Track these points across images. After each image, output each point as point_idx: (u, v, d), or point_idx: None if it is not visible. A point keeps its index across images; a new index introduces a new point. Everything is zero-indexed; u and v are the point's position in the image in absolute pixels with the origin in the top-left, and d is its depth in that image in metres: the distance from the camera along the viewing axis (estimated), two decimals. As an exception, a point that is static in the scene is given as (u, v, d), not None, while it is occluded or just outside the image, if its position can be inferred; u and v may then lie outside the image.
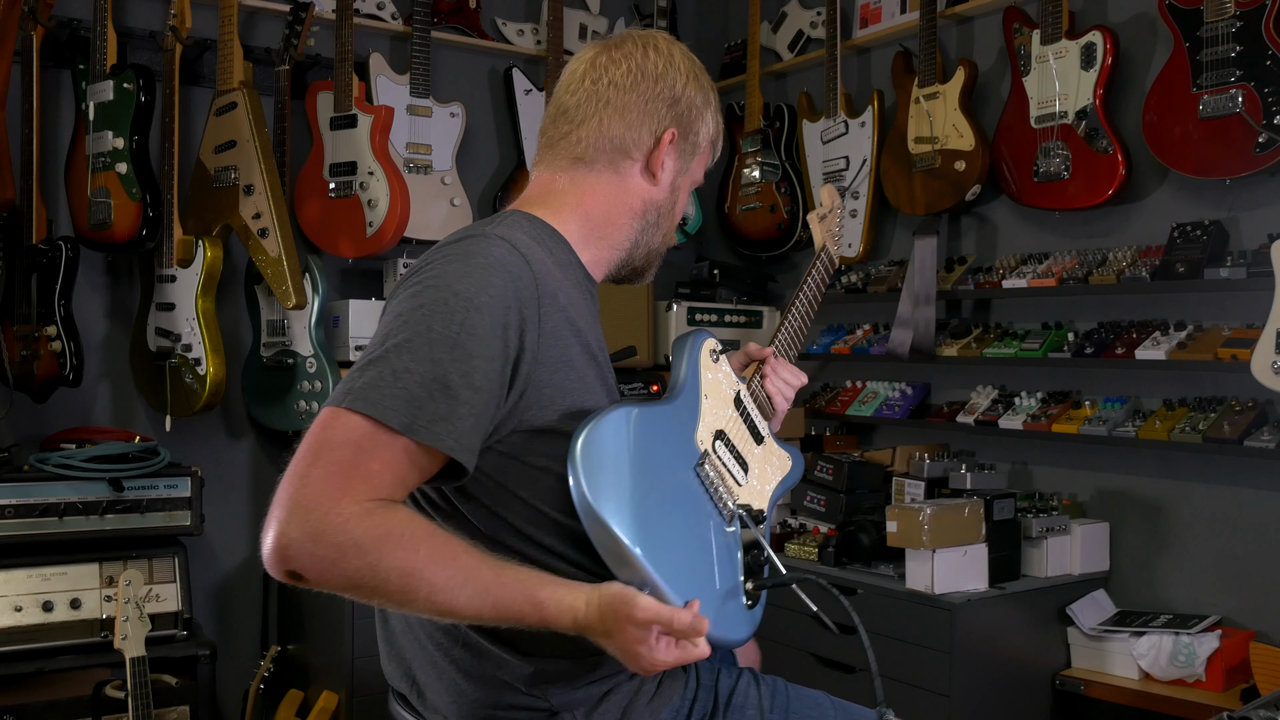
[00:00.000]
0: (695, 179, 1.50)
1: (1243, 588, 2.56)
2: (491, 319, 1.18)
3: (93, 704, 2.52)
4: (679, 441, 1.33)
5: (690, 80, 1.44)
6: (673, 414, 1.34)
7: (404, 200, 3.06)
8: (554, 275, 1.29)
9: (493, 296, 1.19)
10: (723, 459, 1.39)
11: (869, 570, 2.74)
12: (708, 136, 1.48)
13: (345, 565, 1.09)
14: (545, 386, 1.24)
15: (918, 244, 3.10)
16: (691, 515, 1.31)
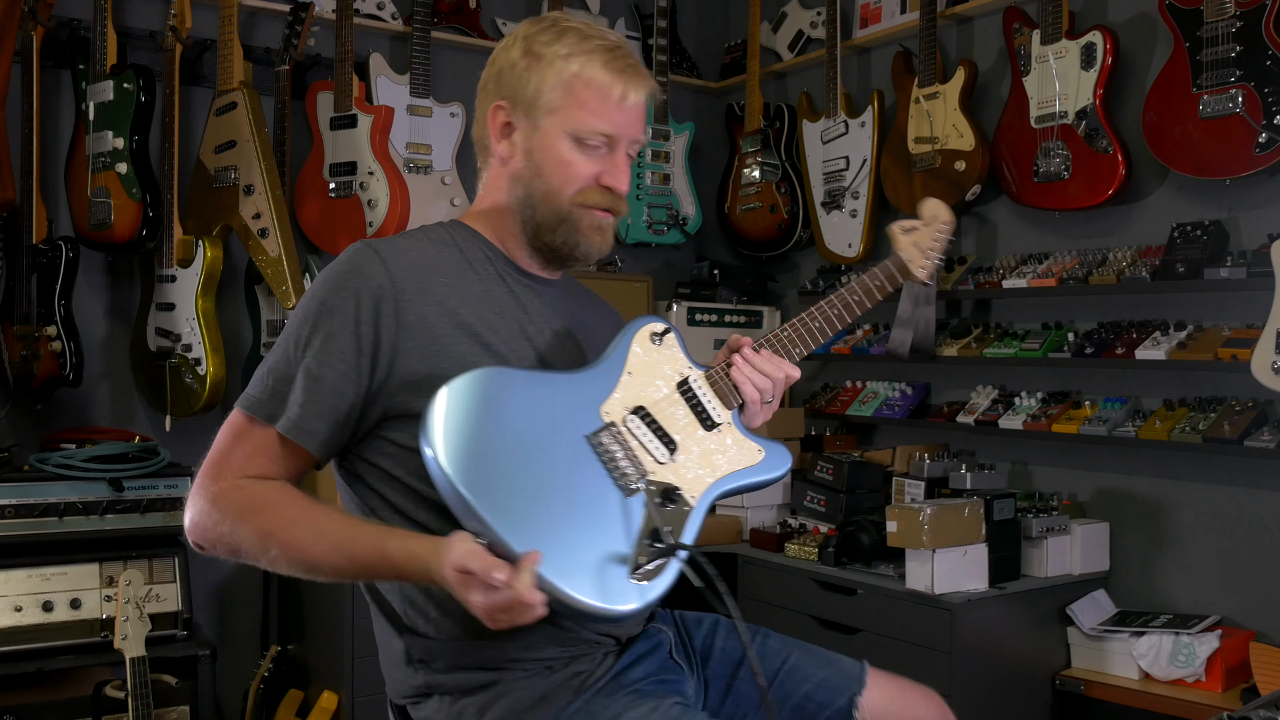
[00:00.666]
0: (570, 131, 1.40)
1: (1243, 588, 2.56)
2: (341, 316, 1.35)
3: (93, 704, 2.52)
4: (572, 409, 1.37)
5: (514, 45, 1.45)
6: (572, 383, 1.40)
7: (404, 200, 3.06)
8: (438, 271, 1.41)
9: (343, 297, 1.36)
10: (636, 433, 1.39)
11: (869, 570, 2.74)
12: (551, 84, 1.40)
13: (212, 532, 1.33)
14: (413, 374, 1.36)
15: (918, 244, 3.09)
16: (570, 479, 1.32)
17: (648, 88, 1.46)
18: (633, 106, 1.44)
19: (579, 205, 1.44)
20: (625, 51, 1.46)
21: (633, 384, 1.42)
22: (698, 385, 1.46)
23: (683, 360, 1.47)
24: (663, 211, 3.74)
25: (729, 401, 1.47)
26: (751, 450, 1.47)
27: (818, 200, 3.50)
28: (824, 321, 1.57)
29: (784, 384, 1.50)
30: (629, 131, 1.45)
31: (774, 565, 2.85)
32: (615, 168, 1.44)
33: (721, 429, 1.46)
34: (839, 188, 3.42)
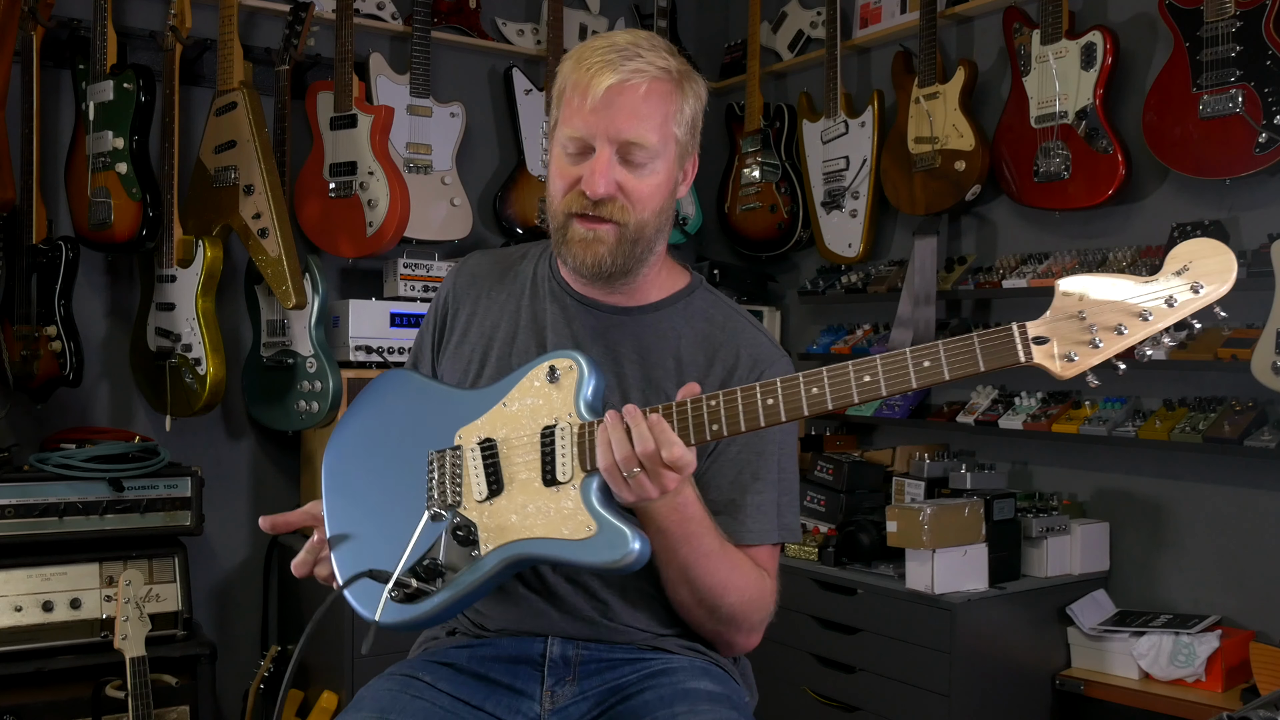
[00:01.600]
0: (557, 140, 1.40)
1: (1243, 588, 2.56)
2: (430, 313, 1.60)
3: (93, 704, 2.52)
4: (437, 423, 1.39)
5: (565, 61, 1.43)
6: (454, 399, 1.41)
7: (404, 200, 3.06)
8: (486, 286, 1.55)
9: (434, 298, 1.61)
10: (471, 464, 1.33)
11: (869, 570, 2.74)
12: (554, 99, 1.43)
13: None
14: (446, 371, 1.54)
15: (918, 244, 3.10)
16: (400, 485, 1.40)
17: (617, 76, 1.33)
18: (601, 100, 1.33)
19: (567, 214, 1.39)
20: (613, 46, 1.36)
21: (502, 415, 1.34)
22: (561, 435, 1.29)
23: (567, 405, 1.30)
24: (663, 211, 3.74)
25: (588, 462, 1.27)
26: (580, 523, 1.25)
27: (818, 200, 3.50)
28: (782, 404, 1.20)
29: (655, 460, 1.21)
30: (603, 128, 1.34)
31: (774, 565, 2.85)
32: (590, 171, 1.35)
33: (560, 489, 1.27)
34: (839, 188, 3.42)
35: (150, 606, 2.57)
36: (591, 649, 1.43)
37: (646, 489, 1.23)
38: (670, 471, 1.22)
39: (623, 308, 1.47)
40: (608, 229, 1.38)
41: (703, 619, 1.42)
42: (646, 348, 1.46)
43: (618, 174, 1.36)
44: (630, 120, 1.35)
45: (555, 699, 1.41)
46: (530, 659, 1.43)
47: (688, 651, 1.47)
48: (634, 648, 1.45)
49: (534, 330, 1.49)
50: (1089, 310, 1.09)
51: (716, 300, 1.53)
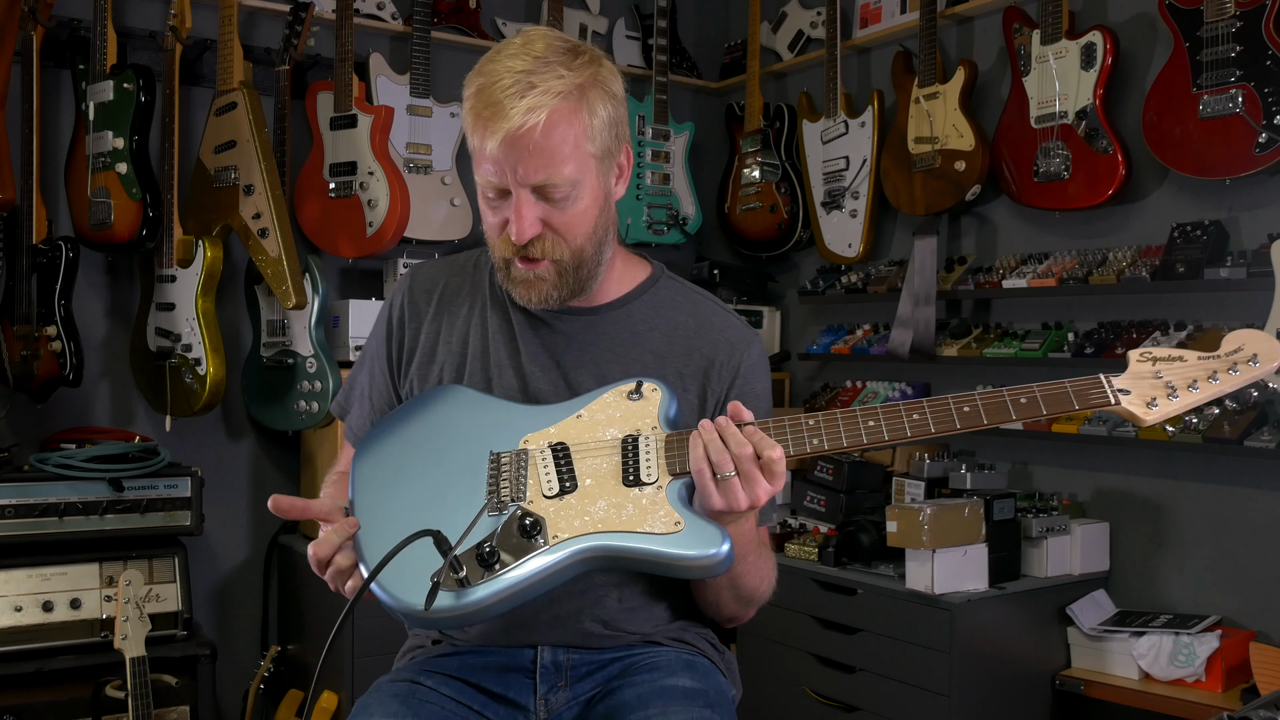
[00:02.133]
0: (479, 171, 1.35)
1: (1243, 588, 2.56)
2: (378, 330, 1.55)
3: (93, 704, 2.52)
4: (498, 430, 1.36)
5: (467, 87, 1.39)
6: (517, 411, 1.39)
7: (404, 200, 3.06)
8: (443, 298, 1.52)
9: (382, 313, 1.55)
10: (540, 463, 1.30)
11: (869, 570, 2.74)
12: (465, 121, 1.37)
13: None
14: (410, 390, 1.50)
15: (918, 244, 3.10)
16: (450, 480, 1.32)
17: (513, 120, 1.27)
18: (501, 149, 1.28)
19: (503, 258, 1.38)
20: (502, 83, 1.30)
21: (576, 425, 1.34)
22: (646, 443, 1.29)
23: (650, 419, 1.32)
24: (662, 211, 3.74)
25: (675, 468, 1.27)
26: (667, 518, 1.23)
27: (818, 200, 3.50)
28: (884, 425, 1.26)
29: (751, 462, 1.22)
30: (509, 176, 1.30)
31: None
32: (514, 217, 1.31)
33: (645, 489, 1.26)
34: (839, 188, 3.42)
35: (150, 606, 2.57)
36: (582, 654, 1.44)
37: (738, 495, 1.22)
38: (763, 478, 1.23)
39: (589, 308, 1.46)
40: (545, 267, 1.36)
41: (732, 609, 1.47)
42: (621, 345, 1.45)
43: (540, 212, 1.33)
44: (536, 162, 1.29)
45: (550, 706, 1.41)
46: (521, 667, 1.43)
47: (675, 643, 1.48)
48: (623, 647, 1.45)
49: (503, 343, 1.47)
50: (1164, 370, 1.27)
51: (681, 287, 1.53)
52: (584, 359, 1.44)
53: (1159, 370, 1.26)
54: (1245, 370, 1.25)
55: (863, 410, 1.26)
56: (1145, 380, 1.26)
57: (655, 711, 1.31)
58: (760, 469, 1.23)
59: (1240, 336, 1.28)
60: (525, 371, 1.44)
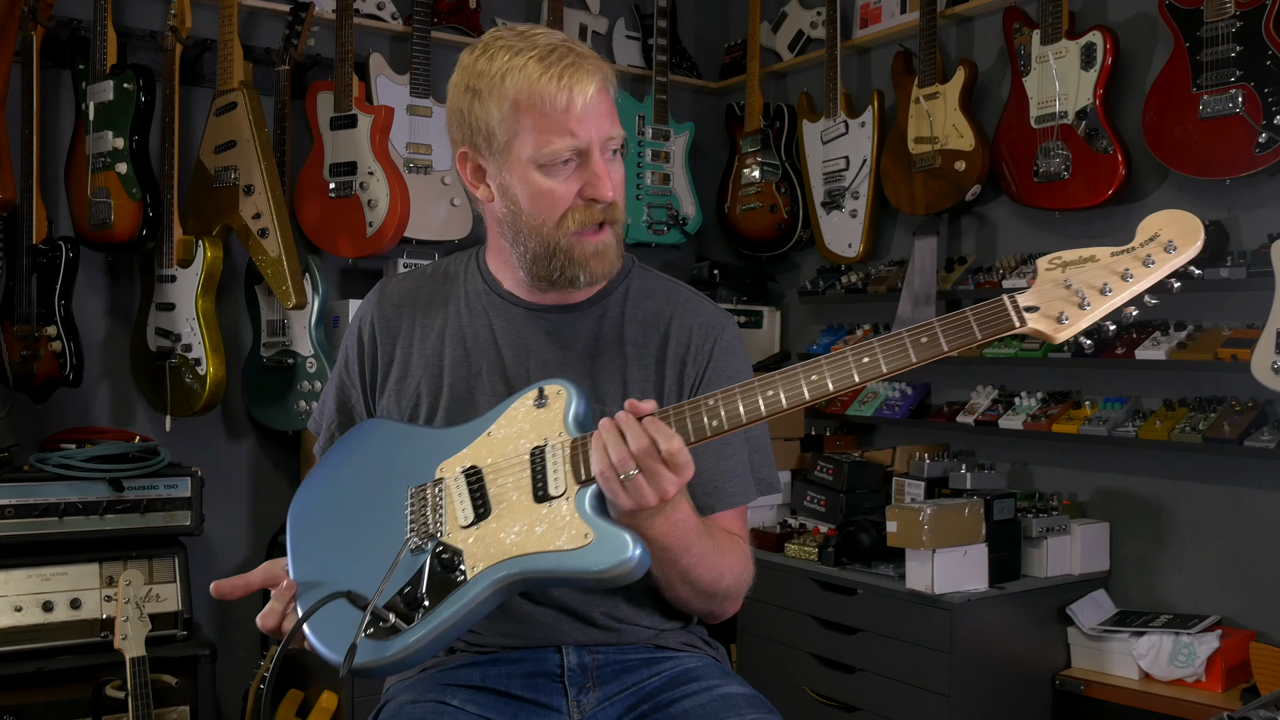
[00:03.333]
0: (532, 158, 1.32)
1: (1243, 588, 2.56)
2: (346, 349, 1.54)
3: (93, 704, 2.52)
4: (415, 461, 1.35)
5: (459, 85, 1.37)
6: (432, 438, 1.38)
7: (404, 200, 3.06)
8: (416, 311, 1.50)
9: (350, 332, 1.54)
10: (454, 492, 1.29)
11: (869, 570, 2.74)
12: (498, 118, 1.33)
13: None
14: (385, 408, 1.49)
15: (918, 244, 3.10)
16: (375, 524, 1.33)
17: (596, 79, 1.31)
18: (587, 106, 1.30)
19: (569, 234, 1.35)
20: (561, 50, 1.31)
21: (487, 444, 1.32)
22: (552, 453, 1.26)
23: (556, 425, 1.28)
24: (663, 211, 3.74)
25: (581, 474, 1.24)
26: (576, 532, 1.21)
27: (818, 200, 3.50)
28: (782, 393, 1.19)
29: (652, 457, 1.18)
30: (593, 133, 1.31)
31: (774, 565, 2.85)
32: (595, 177, 1.32)
33: (553, 503, 1.24)
34: (839, 188, 3.42)
35: (150, 606, 2.57)
36: (605, 652, 1.43)
37: (644, 493, 1.19)
38: (667, 470, 1.19)
39: (568, 305, 1.45)
40: (609, 235, 1.37)
41: (700, 605, 1.44)
42: (601, 339, 1.45)
43: (613, 173, 1.35)
44: (610, 118, 1.34)
45: (582, 708, 1.40)
46: (547, 671, 1.42)
47: (687, 648, 1.48)
48: (640, 647, 1.45)
49: (485, 348, 1.45)
50: (1072, 277, 1.14)
51: (654, 277, 1.53)
52: (568, 357, 1.43)
53: (1068, 278, 1.14)
54: (1162, 260, 1.14)
55: (761, 379, 1.21)
56: (1054, 291, 1.14)
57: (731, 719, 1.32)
58: (663, 462, 1.19)
59: (1154, 221, 1.17)
60: (510, 376, 1.43)
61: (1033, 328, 1.14)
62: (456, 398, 1.44)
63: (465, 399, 1.43)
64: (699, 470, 1.38)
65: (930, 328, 1.16)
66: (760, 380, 1.21)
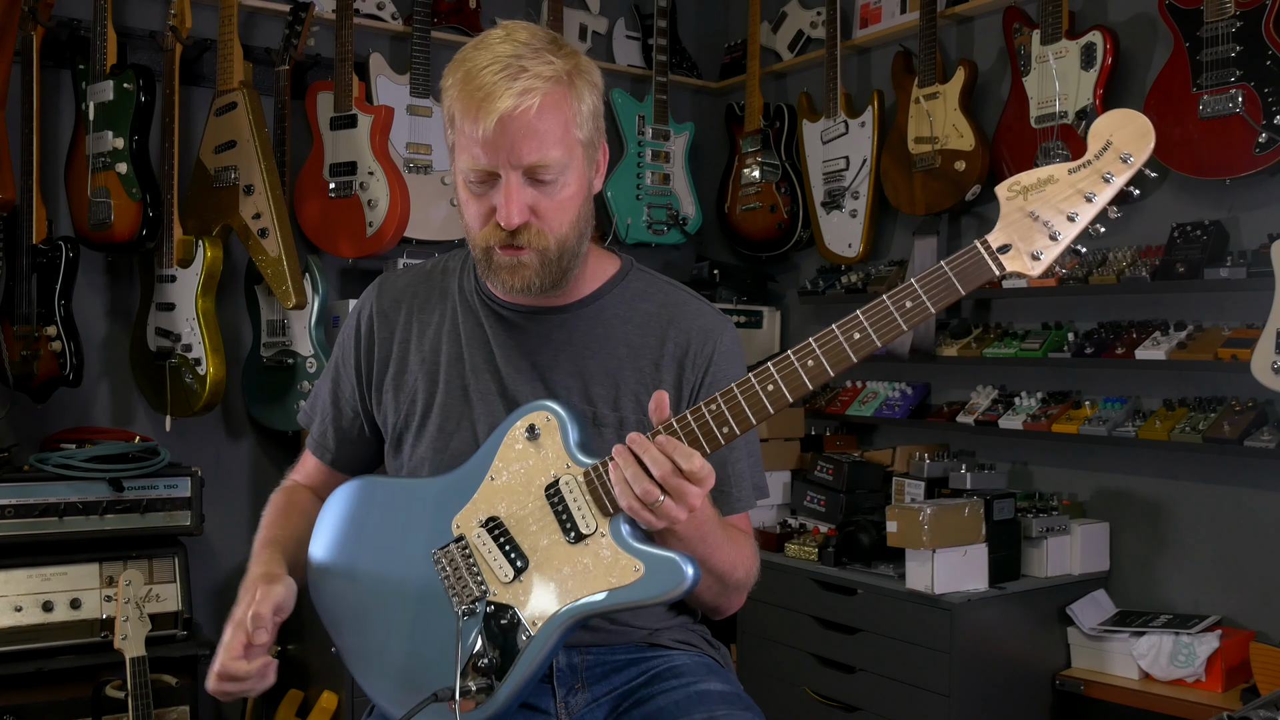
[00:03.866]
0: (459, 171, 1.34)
1: (1243, 588, 2.56)
2: (343, 342, 1.55)
3: (93, 704, 2.52)
4: (427, 521, 1.33)
5: (449, 76, 1.34)
6: (435, 490, 1.35)
7: (404, 200, 3.06)
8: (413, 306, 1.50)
9: (348, 325, 1.54)
10: (482, 549, 1.29)
11: (869, 570, 2.74)
12: (447, 125, 1.35)
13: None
14: (382, 404, 1.50)
15: (918, 244, 3.10)
16: (410, 594, 1.32)
17: (508, 101, 1.25)
18: (496, 129, 1.26)
19: (485, 246, 1.34)
20: (496, 66, 1.27)
21: (493, 491, 1.30)
22: (569, 489, 1.25)
23: (561, 457, 1.27)
24: (663, 211, 3.74)
25: (608, 507, 1.24)
26: (625, 567, 1.23)
27: (818, 200, 3.50)
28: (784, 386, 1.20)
29: (675, 477, 1.18)
30: (502, 157, 1.28)
31: (774, 565, 2.85)
32: (502, 202, 1.29)
33: (589, 541, 1.24)
34: (839, 188, 3.42)
35: (150, 606, 2.57)
36: (595, 653, 1.43)
37: (674, 513, 1.19)
38: (692, 486, 1.18)
39: (560, 306, 1.45)
40: (529, 254, 1.34)
41: (711, 597, 1.44)
42: (596, 340, 1.43)
43: (528, 198, 1.31)
44: (530, 144, 1.28)
45: (570, 709, 1.40)
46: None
47: (683, 646, 1.48)
48: (633, 646, 1.45)
49: (478, 347, 1.45)
50: (1036, 206, 1.13)
51: (652, 279, 1.52)
52: (560, 358, 1.43)
53: (1032, 208, 1.12)
54: (1120, 171, 1.11)
55: (757, 374, 1.19)
56: (1022, 224, 1.13)
57: (702, 716, 1.32)
58: (686, 479, 1.18)
59: (1103, 126, 1.12)
60: (502, 374, 1.43)
61: (1011, 270, 1.14)
62: (452, 395, 1.44)
63: (460, 397, 1.44)
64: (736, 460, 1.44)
65: (911, 290, 1.15)
66: (758, 376, 1.20)
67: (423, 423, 1.45)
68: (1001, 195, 1.14)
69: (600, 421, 1.41)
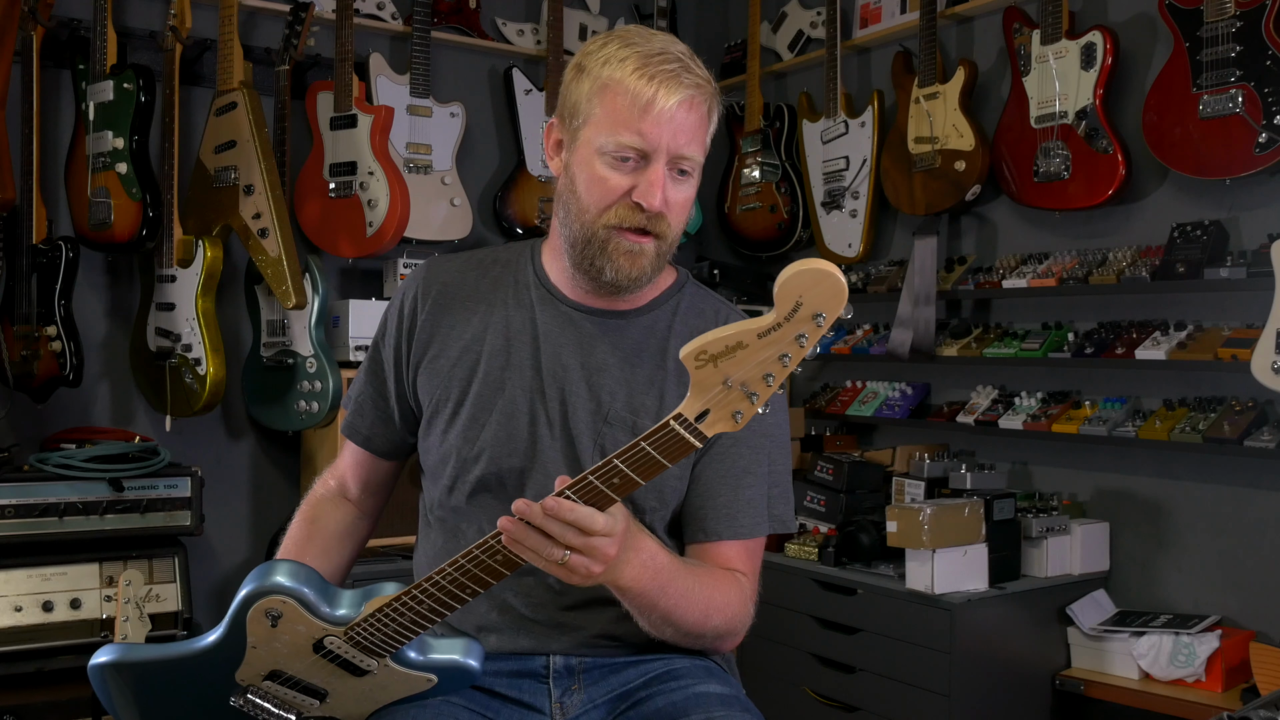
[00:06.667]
0: (599, 145, 1.34)
1: (1243, 588, 2.56)
2: (386, 324, 1.53)
3: (93, 704, 2.52)
4: (214, 680, 1.35)
5: (573, 63, 1.39)
6: (205, 655, 1.34)
7: (404, 200, 3.06)
8: (459, 294, 1.48)
9: (392, 307, 1.53)
10: (277, 693, 1.34)
11: (869, 570, 2.74)
12: (587, 94, 1.35)
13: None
14: (423, 388, 1.48)
15: (918, 244, 3.10)
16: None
17: (685, 92, 1.32)
18: (664, 112, 1.31)
19: (608, 226, 1.35)
20: (669, 57, 1.33)
21: (260, 654, 1.31)
22: (335, 645, 1.30)
23: (313, 626, 1.28)
24: (663, 211, 3.74)
25: (379, 654, 1.30)
26: (416, 681, 1.32)
27: (818, 200, 3.50)
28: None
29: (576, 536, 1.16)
30: (663, 140, 1.31)
31: (774, 565, 2.85)
32: (649, 183, 1.32)
33: (377, 672, 1.31)
34: (839, 188, 3.42)
35: (150, 606, 2.57)
36: (594, 657, 1.43)
37: (590, 568, 1.18)
38: (603, 538, 1.17)
39: (619, 311, 1.44)
40: (651, 243, 1.36)
41: (689, 644, 1.43)
42: (644, 350, 1.43)
43: (669, 189, 1.34)
44: (689, 137, 1.34)
45: (565, 710, 1.40)
46: (533, 672, 1.42)
47: (684, 650, 1.47)
48: (632, 650, 1.44)
49: (526, 340, 1.44)
50: (729, 373, 1.08)
51: (706, 295, 1.52)
52: (609, 362, 1.42)
53: (726, 375, 1.07)
54: (814, 333, 1.05)
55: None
56: (719, 395, 1.09)
57: (699, 718, 1.31)
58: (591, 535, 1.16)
59: (793, 286, 1.03)
60: (545, 370, 1.41)
61: (715, 432, 1.11)
62: (490, 384, 1.42)
63: (497, 388, 1.42)
64: (714, 495, 1.42)
65: (614, 467, 1.14)
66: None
67: (455, 410, 1.44)
68: (689, 364, 1.08)
69: (638, 431, 1.37)
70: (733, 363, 1.07)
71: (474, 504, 1.43)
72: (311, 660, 1.30)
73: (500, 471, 1.41)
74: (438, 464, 1.46)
